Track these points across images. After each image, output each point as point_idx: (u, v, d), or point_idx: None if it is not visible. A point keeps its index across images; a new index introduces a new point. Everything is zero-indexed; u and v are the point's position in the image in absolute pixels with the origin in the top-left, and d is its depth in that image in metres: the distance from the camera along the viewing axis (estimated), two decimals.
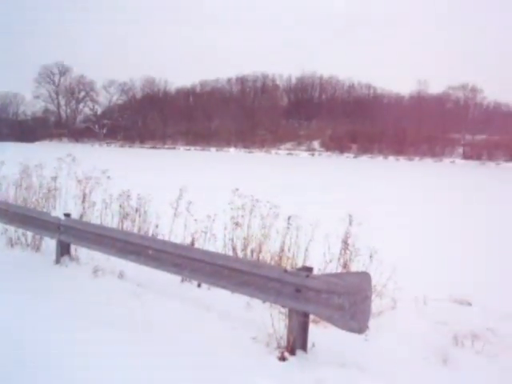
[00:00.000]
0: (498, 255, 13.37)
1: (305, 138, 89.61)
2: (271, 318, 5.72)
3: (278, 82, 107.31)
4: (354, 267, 7.38)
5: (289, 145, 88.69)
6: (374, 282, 7.15)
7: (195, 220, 8.81)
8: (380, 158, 75.77)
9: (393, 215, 18.95)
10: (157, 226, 9.89)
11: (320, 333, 6.04)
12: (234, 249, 8.51)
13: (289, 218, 8.04)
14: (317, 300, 5.32)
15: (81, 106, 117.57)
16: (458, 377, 5.59)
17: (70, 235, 8.88)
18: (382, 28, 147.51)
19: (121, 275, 8.22)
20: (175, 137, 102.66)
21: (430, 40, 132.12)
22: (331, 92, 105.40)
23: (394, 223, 16.90)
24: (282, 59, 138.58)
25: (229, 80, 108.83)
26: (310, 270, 5.68)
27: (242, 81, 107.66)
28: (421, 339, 6.41)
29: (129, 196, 10.62)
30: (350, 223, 7.73)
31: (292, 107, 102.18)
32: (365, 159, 74.38)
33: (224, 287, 6.45)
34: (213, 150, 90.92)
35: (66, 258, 9.02)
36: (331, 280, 5.27)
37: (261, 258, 8.25)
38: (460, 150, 79.50)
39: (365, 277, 5.13)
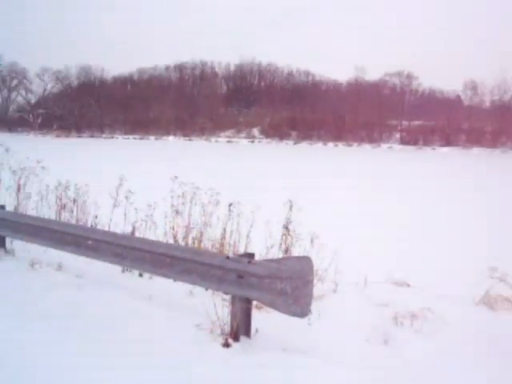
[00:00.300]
0: (433, 238, 13.79)
1: (244, 126, 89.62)
2: (214, 305, 5.71)
3: (216, 70, 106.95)
4: (296, 252, 7.44)
5: (229, 132, 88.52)
6: (315, 267, 7.27)
7: (135, 209, 8.70)
8: (319, 145, 76.58)
9: (332, 201, 19.23)
10: (96, 217, 9.71)
11: (263, 318, 6.07)
12: (175, 237, 8.45)
13: (230, 205, 8.03)
14: (259, 286, 5.34)
15: (13, 94, 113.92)
16: (399, 355, 5.73)
17: (4, 228, 8.61)
18: (319, 15, 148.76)
19: (59, 267, 8.03)
20: (113, 126, 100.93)
21: (367, 27, 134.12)
22: (270, 79, 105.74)
23: (333, 209, 17.17)
24: (221, 46, 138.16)
25: (167, 68, 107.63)
26: (251, 256, 5.70)
27: (180, 68, 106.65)
28: (362, 321, 6.53)
29: (66, 187, 10.39)
30: (291, 209, 7.77)
31: (231, 95, 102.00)
32: (304, 146, 75.07)
33: (166, 276, 6.40)
34: (152, 138, 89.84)
35: (1, 252, 8.75)
36: (273, 265, 5.30)
37: (202, 245, 8.24)
38: (397, 135, 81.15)
39: (306, 261, 5.18)
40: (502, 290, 7.63)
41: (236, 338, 5.50)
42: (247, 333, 5.62)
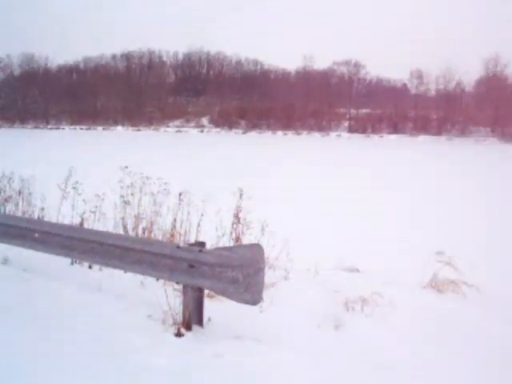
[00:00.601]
0: (382, 224, 14.01)
1: (193, 115, 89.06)
2: (166, 295, 5.67)
3: (164, 59, 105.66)
4: (247, 240, 7.46)
5: (177, 122, 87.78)
6: (266, 254, 7.30)
7: (83, 200, 8.55)
8: (268, 133, 76.76)
9: (281, 189, 19.34)
10: (43, 209, 9.49)
11: (216, 307, 6.08)
12: (124, 227, 8.35)
13: (180, 195, 7.97)
14: (211, 274, 5.33)
15: None
16: (350, 340, 5.83)
17: None
18: (267, 3, 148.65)
19: (5, 261, 7.84)
20: (59, 116, 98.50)
21: (314, 16, 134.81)
22: (219, 68, 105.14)
23: (283, 196, 17.27)
24: (169, 35, 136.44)
25: (114, 56, 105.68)
26: (202, 244, 5.68)
27: (127, 57, 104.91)
28: (314, 307, 6.60)
29: (10, 178, 10.13)
30: (241, 197, 7.77)
31: (180, 84, 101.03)
32: (253, 135, 75.17)
33: (116, 267, 6.32)
34: (99, 128, 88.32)
35: None
36: (224, 254, 5.30)
37: (153, 235, 8.17)
38: (346, 123, 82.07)
39: (257, 249, 5.19)
40: (448, 274, 7.83)
41: (188, 328, 5.49)
42: (200, 322, 5.61)
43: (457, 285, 7.83)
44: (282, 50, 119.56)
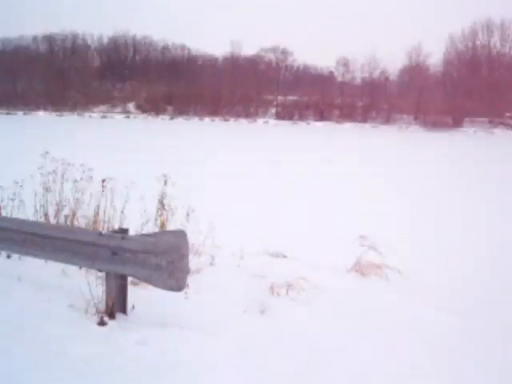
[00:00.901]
0: (307, 209, 14.21)
1: (119, 100, 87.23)
2: (88, 284, 5.54)
3: (89, 42, 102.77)
4: (172, 227, 7.37)
5: (103, 107, 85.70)
6: (192, 241, 7.26)
7: (0, 187, 8.21)
8: (196, 120, 76.23)
9: (207, 175, 19.30)
10: None
11: (140, 294, 6.00)
12: (45, 215, 8.09)
13: (103, 181, 7.78)
14: (134, 261, 5.24)
15: None
16: (275, 324, 5.89)
17: None
18: None
19: None
20: None
21: (242, 1, 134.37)
22: (145, 53, 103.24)
23: (208, 183, 17.22)
24: (93, 18, 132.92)
25: (35, 38, 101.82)
26: (125, 231, 5.58)
27: (49, 40, 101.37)
28: (239, 292, 6.63)
29: None
30: (165, 183, 7.67)
31: (105, 68, 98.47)
32: (181, 121, 74.45)
33: (36, 256, 6.13)
34: (20, 113, 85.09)
35: None
36: (147, 240, 5.23)
37: (76, 223, 7.96)
38: (273, 110, 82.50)
39: (181, 235, 5.14)
40: (371, 258, 8.03)
41: (112, 316, 5.39)
42: (123, 310, 5.52)
43: (380, 268, 8.04)
44: (209, 35, 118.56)
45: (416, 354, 5.48)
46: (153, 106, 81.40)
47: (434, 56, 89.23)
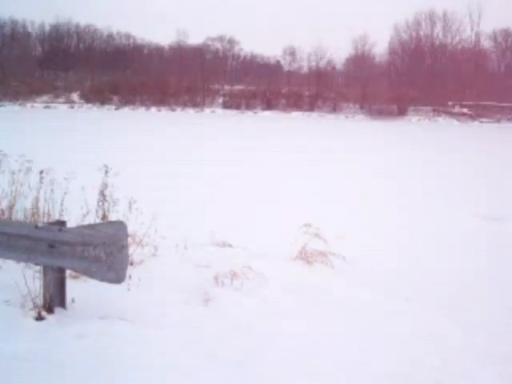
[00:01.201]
0: (251, 197, 14.19)
1: (63, 90, 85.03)
2: (25, 278, 5.37)
3: (29, 30, 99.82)
4: (114, 218, 7.21)
5: (46, 97, 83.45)
6: (134, 232, 7.14)
7: None
8: (142, 110, 75.16)
9: (151, 164, 19.06)
10: None
11: (81, 287, 5.88)
12: None
13: (41, 172, 7.53)
14: (72, 254, 5.10)
15: None
16: (219, 314, 5.84)
17: None
18: None
19: None
20: None
21: None
22: (89, 41, 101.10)
23: (150, 171, 17.01)
24: (33, 5, 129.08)
25: None
26: (62, 223, 5.43)
27: None
28: (183, 283, 6.56)
29: None
30: (106, 174, 7.49)
31: (47, 57, 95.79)
32: (127, 111, 73.26)
33: None
34: None
35: None
36: (85, 232, 5.09)
37: (14, 217, 7.71)
38: (220, 100, 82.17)
39: (120, 226, 5.03)
40: (316, 245, 8.07)
41: (50, 310, 5.24)
42: (62, 304, 5.38)
43: (325, 255, 8.09)
44: (155, 24, 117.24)
45: (365, 335, 5.54)
46: (98, 95, 79.78)
47: (380, 45, 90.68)
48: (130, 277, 5.79)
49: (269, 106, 77.69)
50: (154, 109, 75.17)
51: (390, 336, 5.66)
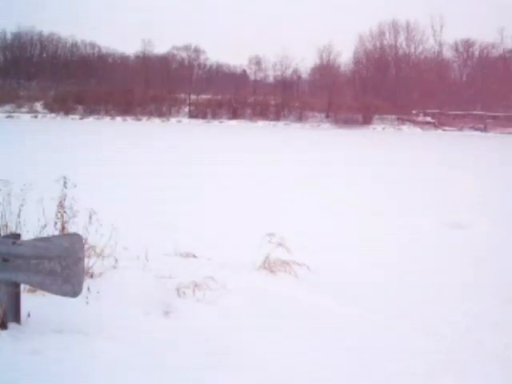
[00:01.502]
0: (217, 209, 14.13)
1: (26, 100, 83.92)
2: None
3: None
4: (73, 230, 7.08)
5: (8, 107, 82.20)
6: (95, 243, 7.03)
7: None
8: (107, 119, 74.50)
9: (108, 175, 18.84)
10: None
11: (38, 301, 5.75)
12: None
13: None
14: (27, 267, 4.97)
15: None
16: (179, 325, 5.78)
17: None
18: None
19: None
20: None
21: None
22: (53, 50, 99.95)
23: (110, 183, 16.80)
24: None
25: None
26: (17, 236, 5.30)
27: None
28: (143, 295, 6.47)
29: None
30: (65, 185, 7.34)
31: (9, 66, 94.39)
32: (91, 121, 72.53)
33: None
34: None
35: None
36: (40, 245, 4.97)
37: None
38: (186, 109, 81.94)
39: (76, 239, 4.94)
40: (280, 254, 8.05)
41: (3, 326, 5.10)
42: (17, 319, 5.24)
43: (288, 265, 8.09)
44: (120, 33, 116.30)
45: (330, 344, 5.54)
46: (62, 105, 78.80)
47: (345, 55, 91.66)
48: (88, 289, 5.69)
49: (235, 115, 77.75)
50: (119, 118, 74.54)
51: (351, 342, 5.67)
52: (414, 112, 73.20)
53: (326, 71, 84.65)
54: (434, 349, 5.75)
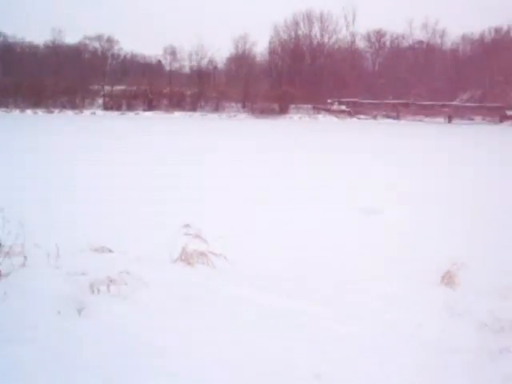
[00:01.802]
0: (133, 201, 13.92)
1: None
2: None
3: None
4: None
5: None
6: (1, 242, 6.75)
7: None
8: (17, 112, 71.65)
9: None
10: None
11: None
12: None
13: None
14: None
15: None
16: (92, 322, 5.64)
17: None
18: None
19: None
20: None
21: None
22: None
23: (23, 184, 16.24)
24: None
25: None
26: None
27: None
28: (54, 294, 6.25)
29: None
30: None
31: None
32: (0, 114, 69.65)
33: None
34: None
35: None
36: None
37: None
38: (100, 101, 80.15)
39: None
40: (198, 246, 8.02)
41: None
42: None
43: (206, 256, 8.06)
44: (27, 21, 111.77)
45: (258, 336, 5.55)
46: None
47: (260, 45, 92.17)
48: None
49: (151, 106, 76.73)
50: (29, 111, 71.83)
51: (272, 331, 5.70)
52: (329, 101, 74.55)
53: (241, 61, 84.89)
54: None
